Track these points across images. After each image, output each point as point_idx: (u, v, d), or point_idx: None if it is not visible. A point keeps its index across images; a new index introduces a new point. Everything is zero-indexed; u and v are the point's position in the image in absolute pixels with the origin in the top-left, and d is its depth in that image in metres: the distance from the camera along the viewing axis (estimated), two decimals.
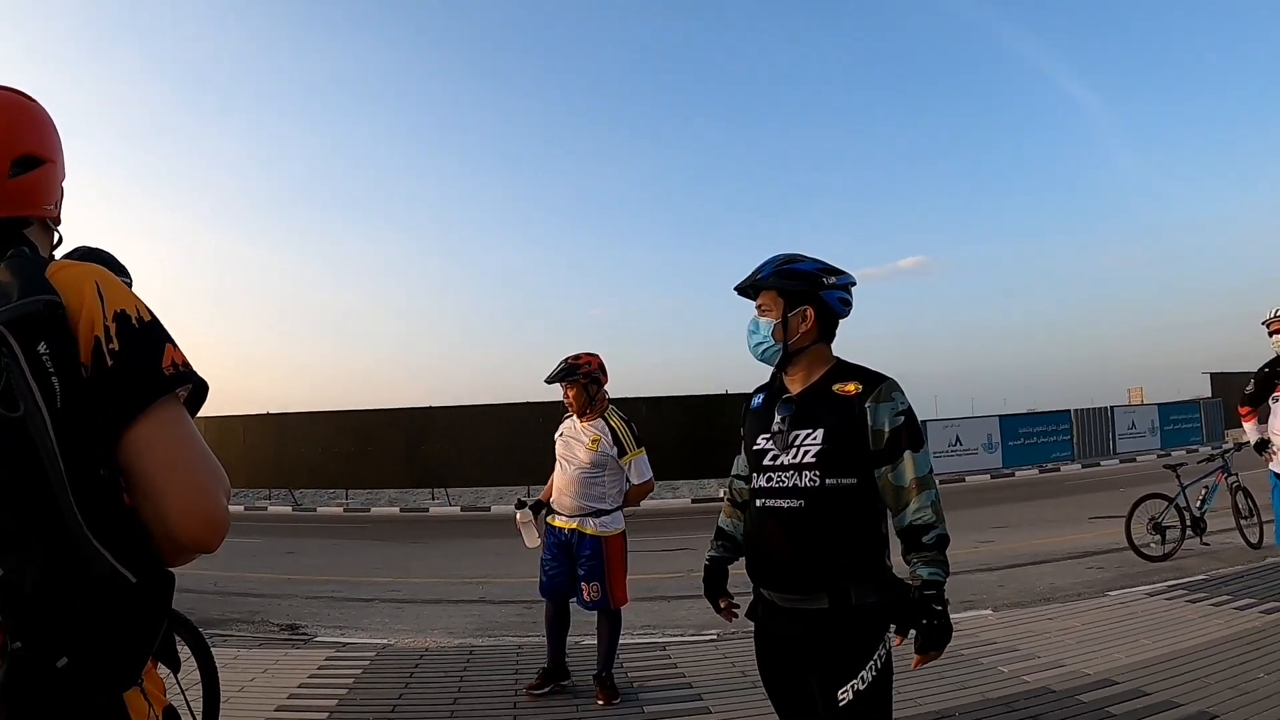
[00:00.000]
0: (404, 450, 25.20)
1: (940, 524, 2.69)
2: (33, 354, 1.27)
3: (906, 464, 2.69)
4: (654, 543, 14.40)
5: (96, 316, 1.36)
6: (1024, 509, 16.79)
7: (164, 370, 1.39)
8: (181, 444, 1.37)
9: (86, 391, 1.31)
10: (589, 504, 5.82)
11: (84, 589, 1.23)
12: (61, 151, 1.64)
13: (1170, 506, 10.26)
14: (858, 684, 2.63)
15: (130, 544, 1.30)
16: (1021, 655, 6.08)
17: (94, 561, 1.23)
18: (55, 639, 1.21)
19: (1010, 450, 26.61)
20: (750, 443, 3.00)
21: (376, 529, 19.75)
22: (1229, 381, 31.18)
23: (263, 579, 11.85)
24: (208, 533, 1.35)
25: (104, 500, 1.28)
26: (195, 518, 1.33)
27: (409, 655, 6.85)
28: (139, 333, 1.40)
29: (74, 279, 1.39)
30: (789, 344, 2.88)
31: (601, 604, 5.74)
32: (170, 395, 1.39)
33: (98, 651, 1.25)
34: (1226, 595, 7.45)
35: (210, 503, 1.35)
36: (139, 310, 1.43)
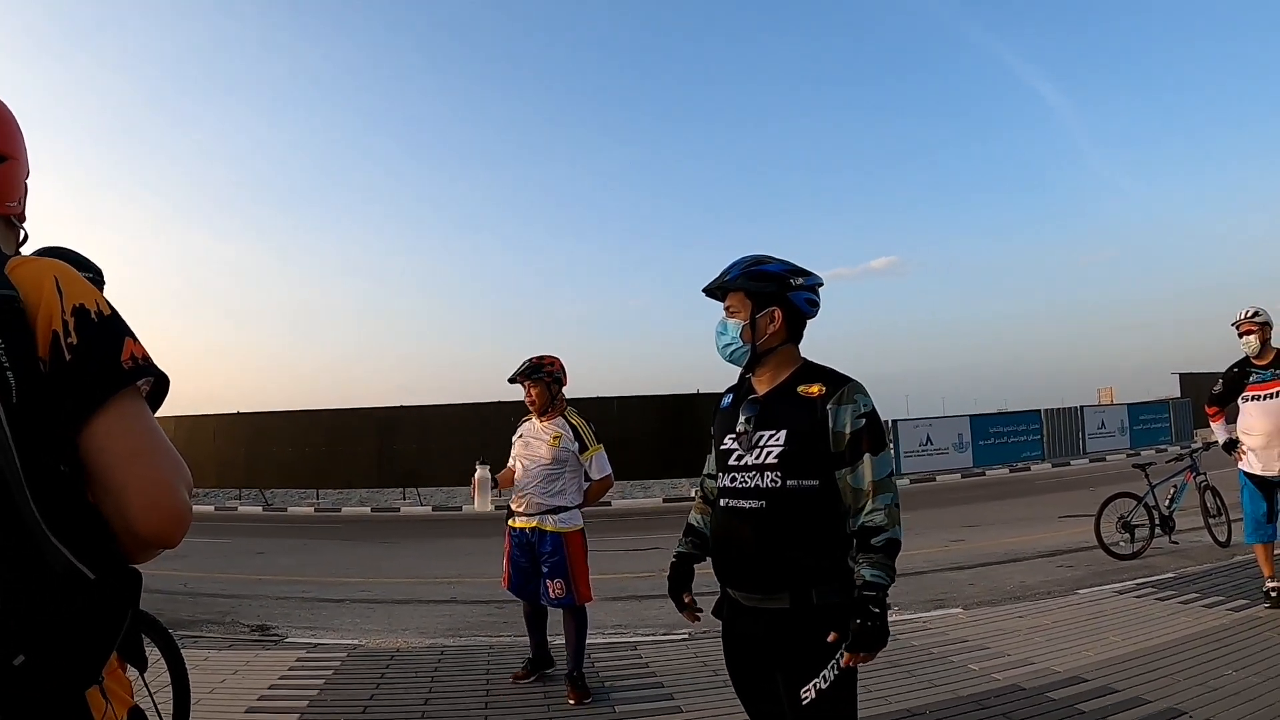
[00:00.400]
0: (375, 450, 25.12)
1: (892, 528, 2.67)
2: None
3: (866, 466, 2.69)
4: (625, 542, 14.45)
5: (55, 311, 1.33)
6: (994, 508, 16.88)
7: (123, 363, 1.36)
8: (141, 437, 1.34)
9: (45, 386, 1.29)
10: (549, 501, 5.90)
11: (40, 586, 1.20)
12: (23, 147, 1.61)
13: (1139, 505, 10.35)
14: (820, 683, 2.64)
15: (90, 540, 1.26)
16: (992, 653, 6.10)
17: (51, 558, 1.20)
18: (11, 636, 1.17)
19: (981, 450, 26.77)
20: (718, 442, 3.01)
21: (347, 529, 19.64)
22: (1198, 382, 31.50)
23: (233, 579, 11.78)
24: (169, 526, 1.32)
25: (63, 496, 1.25)
26: (156, 510, 1.30)
27: (380, 656, 6.81)
28: (98, 326, 1.36)
29: (33, 274, 1.37)
30: (757, 345, 2.89)
31: (567, 600, 5.79)
32: (130, 388, 1.36)
33: (55, 649, 1.21)
34: (1195, 593, 7.52)
35: (171, 495, 1.33)
36: (98, 304, 1.39)
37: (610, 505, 21.71)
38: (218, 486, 27.14)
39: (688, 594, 3.22)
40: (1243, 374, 7.10)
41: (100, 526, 1.29)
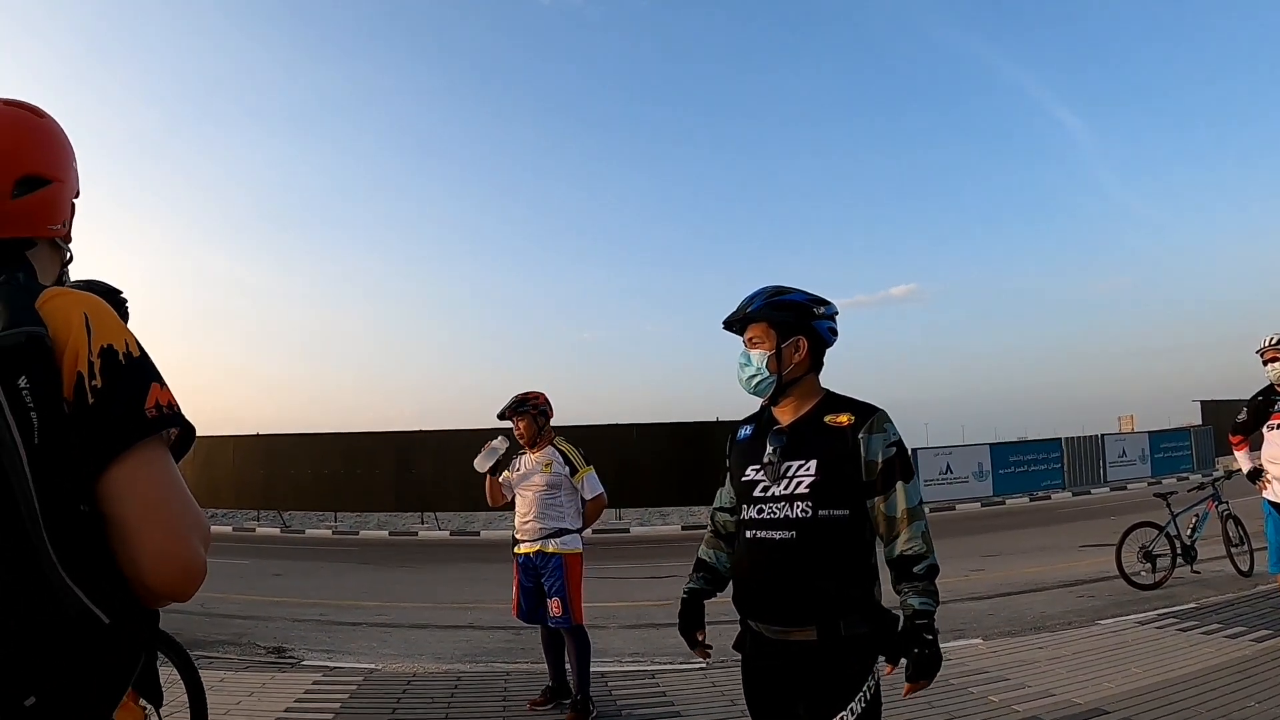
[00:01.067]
0: (393, 473, 25.12)
1: (931, 554, 2.68)
2: (12, 388, 1.22)
3: (899, 495, 2.68)
4: (643, 569, 14.41)
5: (82, 350, 1.31)
6: (1015, 537, 16.76)
7: (147, 411, 1.32)
8: (159, 489, 1.31)
9: (67, 427, 1.26)
10: (550, 524, 6.05)
11: (54, 628, 1.19)
12: (72, 168, 1.60)
13: (1161, 535, 10.24)
14: (847, 715, 2.61)
15: (106, 583, 1.25)
16: (1011, 685, 6.05)
17: (66, 600, 1.18)
18: (23, 677, 1.16)
19: (1001, 478, 26.59)
20: (738, 474, 2.98)
21: (365, 552, 19.65)
22: (1219, 409, 31.27)
23: (250, 600, 11.77)
24: (180, 580, 1.29)
25: (81, 538, 1.23)
26: (168, 564, 1.28)
27: (397, 680, 6.80)
28: (124, 370, 1.33)
29: (62, 309, 1.34)
30: (783, 375, 2.88)
31: (565, 620, 5.89)
32: (152, 438, 1.32)
33: (66, 692, 1.21)
34: (1217, 624, 7.44)
35: (185, 549, 1.30)
36: (128, 345, 1.36)
37: (628, 532, 21.68)
38: (235, 507, 27.19)
39: (700, 632, 3.19)
40: (1268, 402, 7.04)
41: (117, 570, 1.27)
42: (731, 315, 3.00)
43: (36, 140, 1.53)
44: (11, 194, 1.47)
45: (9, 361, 1.23)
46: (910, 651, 2.62)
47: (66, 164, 1.57)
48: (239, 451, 26.96)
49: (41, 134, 1.55)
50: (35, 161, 1.51)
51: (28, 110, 1.54)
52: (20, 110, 1.54)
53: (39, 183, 1.50)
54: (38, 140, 1.53)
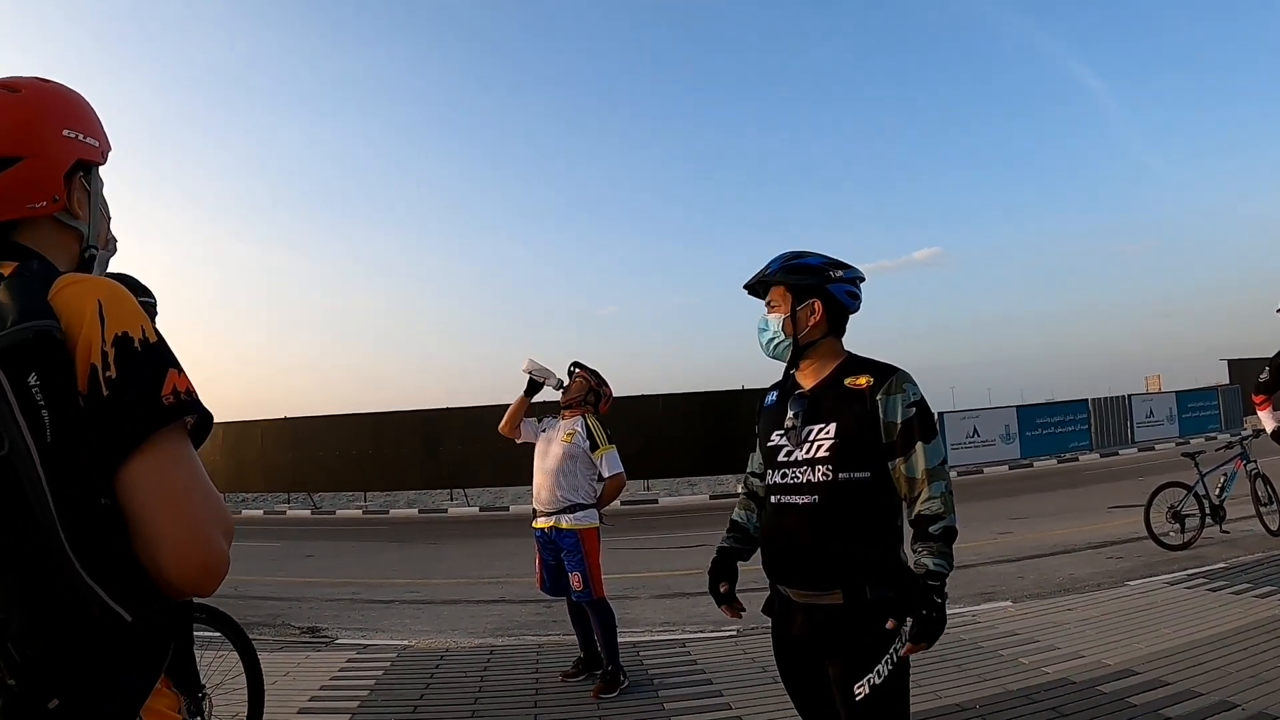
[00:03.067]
0: (422, 452, 25.22)
1: (948, 515, 2.68)
2: (21, 386, 1.19)
3: (918, 455, 2.69)
4: (672, 539, 14.46)
5: (95, 341, 1.27)
6: (1042, 499, 16.71)
7: (163, 400, 1.28)
8: (179, 480, 1.28)
9: (83, 422, 1.24)
10: (565, 497, 6.05)
11: (76, 629, 1.19)
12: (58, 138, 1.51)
13: (1189, 495, 10.21)
14: (874, 678, 2.64)
15: (128, 580, 1.23)
16: (1041, 647, 6.06)
17: (87, 600, 1.18)
18: (47, 679, 1.17)
19: (1028, 441, 26.47)
20: (764, 440, 3.01)
21: (395, 531, 19.80)
22: (1246, 368, 30.96)
23: (283, 582, 11.91)
24: (200, 576, 1.26)
25: (101, 535, 1.22)
26: (188, 559, 1.25)
27: (429, 656, 6.88)
28: (140, 358, 1.30)
29: (75, 298, 1.30)
30: (799, 338, 2.90)
31: (586, 595, 5.93)
32: (171, 427, 1.29)
33: (90, 693, 1.20)
34: (1247, 583, 7.43)
35: (205, 544, 1.27)
36: (144, 332, 1.33)
37: (657, 503, 21.73)
38: (266, 491, 27.42)
39: (725, 583, 3.20)
40: None
41: (138, 566, 1.25)
42: (752, 279, 3.03)
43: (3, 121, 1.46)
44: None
45: (16, 359, 1.20)
46: (918, 612, 2.62)
47: (44, 136, 1.49)
48: (267, 435, 27.15)
49: (8, 111, 1.47)
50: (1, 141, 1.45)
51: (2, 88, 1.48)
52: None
53: (5, 163, 1.44)
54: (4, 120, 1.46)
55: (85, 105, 1.59)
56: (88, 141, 1.55)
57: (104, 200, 1.64)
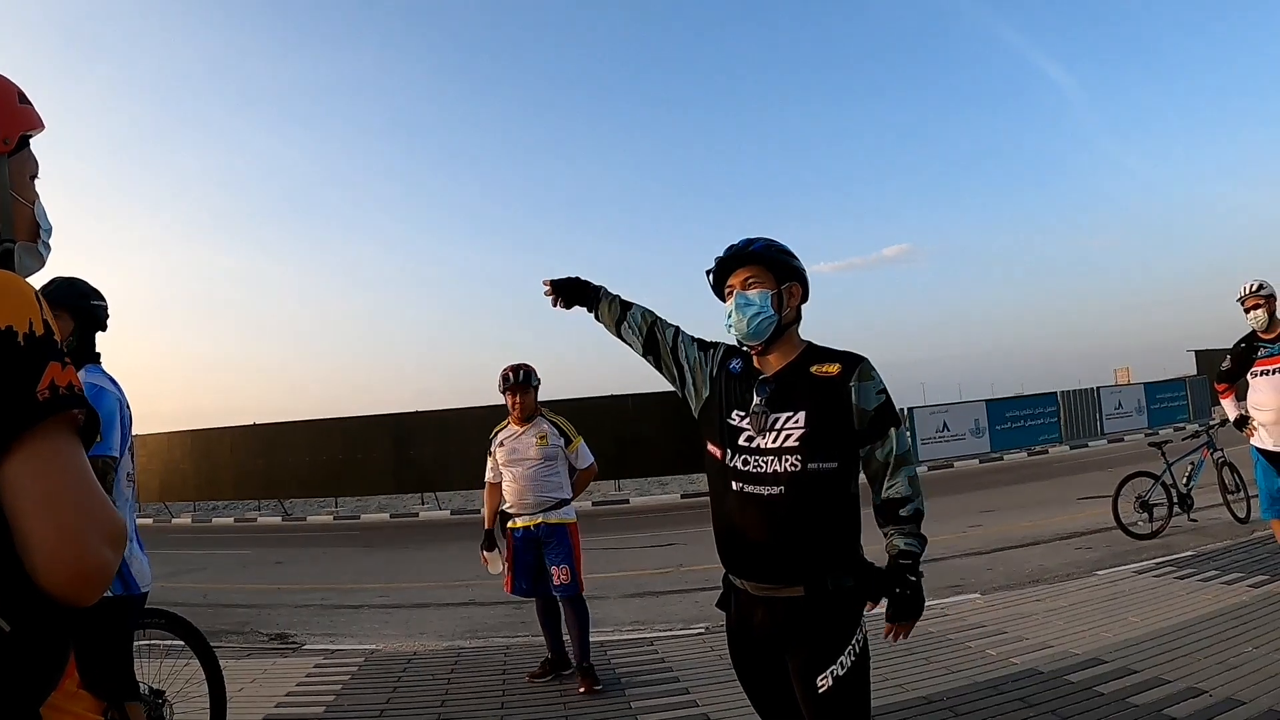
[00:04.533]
0: (393, 455, 25.07)
1: (917, 498, 2.69)
2: None
3: (892, 440, 2.70)
4: (643, 539, 14.43)
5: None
6: (1012, 492, 16.80)
7: (39, 394, 1.19)
8: (53, 479, 1.18)
9: None
10: (549, 495, 6.07)
11: None
12: None
13: (1157, 484, 10.26)
14: (837, 669, 2.61)
15: (9, 587, 1.13)
16: (1009, 638, 6.07)
17: None
18: None
19: (998, 434, 26.60)
20: (725, 412, 2.89)
21: (367, 536, 19.65)
22: (1213, 358, 31.09)
23: (253, 590, 11.81)
24: (74, 583, 1.16)
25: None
26: (61, 566, 1.14)
27: (397, 660, 6.83)
28: (21, 352, 1.20)
29: None
30: (782, 317, 2.85)
31: (572, 588, 5.93)
32: (49, 423, 1.19)
33: None
34: (1214, 570, 7.47)
35: (79, 550, 1.16)
36: (31, 325, 1.23)
37: (628, 503, 21.69)
38: (236, 498, 27.19)
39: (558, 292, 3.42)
40: (1250, 349, 7.03)
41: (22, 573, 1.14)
42: (729, 251, 2.93)
43: None
44: None
45: None
46: (891, 591, 2.64)
47: None
48: (237, 442, 26.91)
49: None
50: None
51: None
52: None
53: None
54: None
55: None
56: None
57: (24, 184, 1.54)
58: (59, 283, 3.71)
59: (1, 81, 1.50)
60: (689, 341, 3.16)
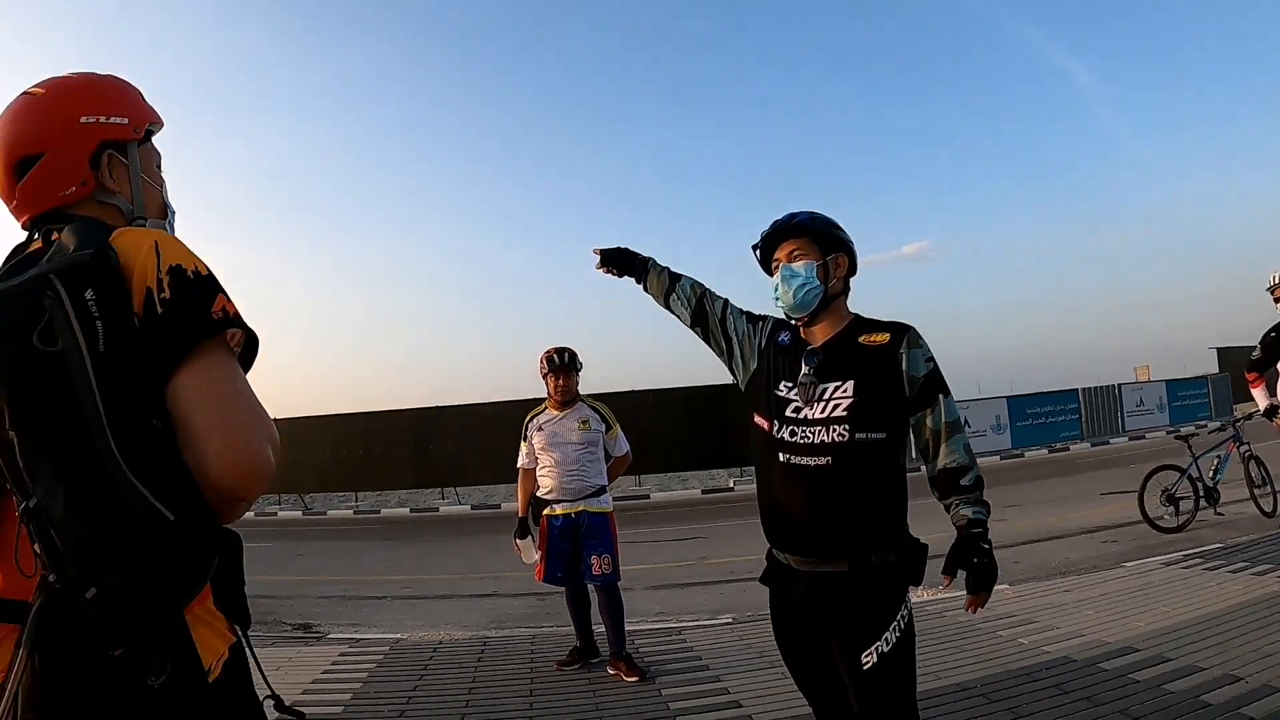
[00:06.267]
0: (412, 451, 25.09)
1: (975, 466, 2.67)
2: (78, 298, 1.32)
3: (942, 408, 2.68)
4: (664, 533, 14.42)
5: (150, 269, 1.42)
6: (1035, 488, 16.68)
7: (212, 314, 1.43)
8: (223, 386, 1.41)
9: (138, 338, 1.37)
10: (590, 482, 6.05)
11: (116, 521, 1.24)
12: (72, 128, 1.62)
13: (1183, 478, 10.18)
14: (882, 645, 2.59)
15: (174, 486, 1.31)
16: (1040, 627, 6.03)
17: (129, 495, 1.24)
18: (85, 569, 1.24)
19: (1019, 431, 26.48)
20: (773, 384, 2.89)
21: (387, 530, 19.71)
22: (1236, 356, 31.01)
23: (275, 581, 11.80)
24: (244, 475, 1.36)
25: (151, 445, 1.32)
26: (231, 458, 1.34)
27: (423, 649, 6.83)
28: (191, 283, 1.44)
29: (134, 238, 1.48)
30: (828, 288, 2.84)
31: (612, 576, 5.92)
32: (217, 339, 1.43)
33: (128, 585, 1.25)
34: (1244, 562, 7.40)
35: (247, 444, 1.37)
36: (196, 266, 1.48)
37: (649, 498, 21.66)
38: None
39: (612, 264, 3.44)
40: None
41: (188, 477, 1.34)
42: (775, 225, 2.94)
43: (19, 123, 1.61)
44: (16, 180, 1.60)
45: (75, 278, 1.34)
46: (969, 561, 2.62)
47: (60, 129, 1.61)
48: None
49: (24, 114, 1.62)
50: (22, 144, 1.60)
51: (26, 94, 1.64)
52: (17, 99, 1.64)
53: (30, 162, 1.59)
54: (20, 123, 1.61)
55: (112, 88, 1.72)
56: (113, 121, 1.66)
57: (153, 170, 1.78)
58: None
59: (125, 83, 1.76)
60: (738, 314, 3.16)
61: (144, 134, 1.74)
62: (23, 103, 1.62)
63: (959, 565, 2.64)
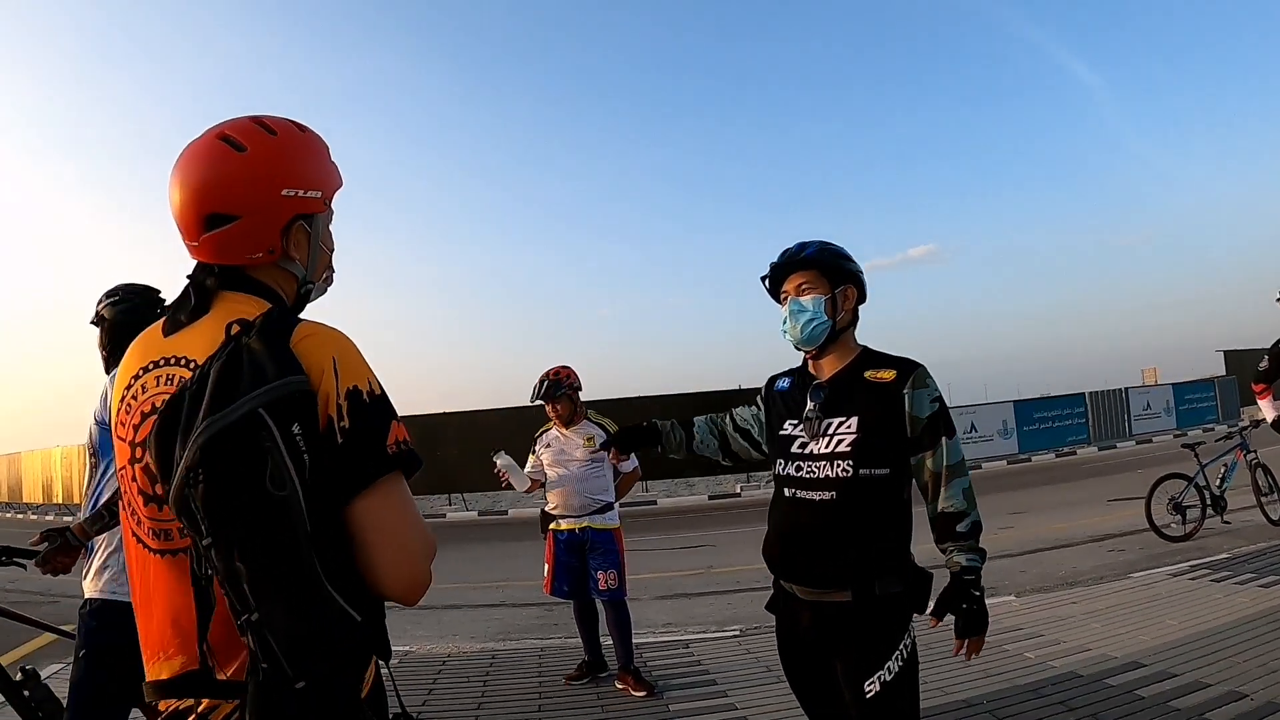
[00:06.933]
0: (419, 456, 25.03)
1: (973, 511, 2.68)
2: (288, 434, 1.40)
3: (944, 450, 2.69)
4: (672, 540, 14.43)
5: (332, 394, 1.49)
6: (1042, 494, 16.72)
7: (388, 449, 1.51)
8: (397, 515, 1.50)
9: (325, 462, 1.45)
10: (594, 498, 6.06)
11: (323, 626, 1.39)
12: (272, 200, 1.65)
13: (1190, 486, 10.19)
14: (884, 674, 2.61)
15: (356, 589, 1.45)
16: (1047, 641, 6.04)
17: (328, 605, 1.39)
18: (296, 665, 1.37)
19: (1026, 435, 26.48)
20: (777, 426, 2.96)
21: None
22: (1243, 359, 30.99)
23: None
24: (410, 591, 1.52)
25: (337, 552, 1.44)
26: (402, 579, 1.50)
27: (431, 662, 6.84)
28: (368, 410, 1.51)
29: (314, 352, 1.51)
30: (836, 322, 2.85)
31: (619, 592, 5.93)
32: (393, 473, 1.51)
33: (329, 677, 1.41)
34: (1251, 573, 7.41)
35: (415, 567, 1.52)
36: (370, 385, 1.55)
37: (656, 504, 21.69)
38: None
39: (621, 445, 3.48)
40: None
41: (360, 577, 1.48)
42: (784, 257, 2.94)
43: (222, 179, 1.62)
44: (202, 229, 1.62)
45: (283, 411, 1.40)
46: (958, 607, 2.63)
47: (263, 198, 1.64)
48: None
49: (230, 172, 1.62)
50: (219, 201, 1.61)
51: (228, 144, 1.63)
52: (218, 145, 1.63)
53: (223, 219, 1.61)
54: (223, 179, 1.62)
55: (311, 157, 1.75)
56: (308, 195, 1.71)
57: (328, 235, 1.84)
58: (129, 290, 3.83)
59: (323, 147, 1.81)
60: (743, 410, 3.30)
61: (328, 205, 1.80)
62: (225, 155, 1.62)
63: (948, 610, 2.66)
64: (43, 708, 3.44)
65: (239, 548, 1.39)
